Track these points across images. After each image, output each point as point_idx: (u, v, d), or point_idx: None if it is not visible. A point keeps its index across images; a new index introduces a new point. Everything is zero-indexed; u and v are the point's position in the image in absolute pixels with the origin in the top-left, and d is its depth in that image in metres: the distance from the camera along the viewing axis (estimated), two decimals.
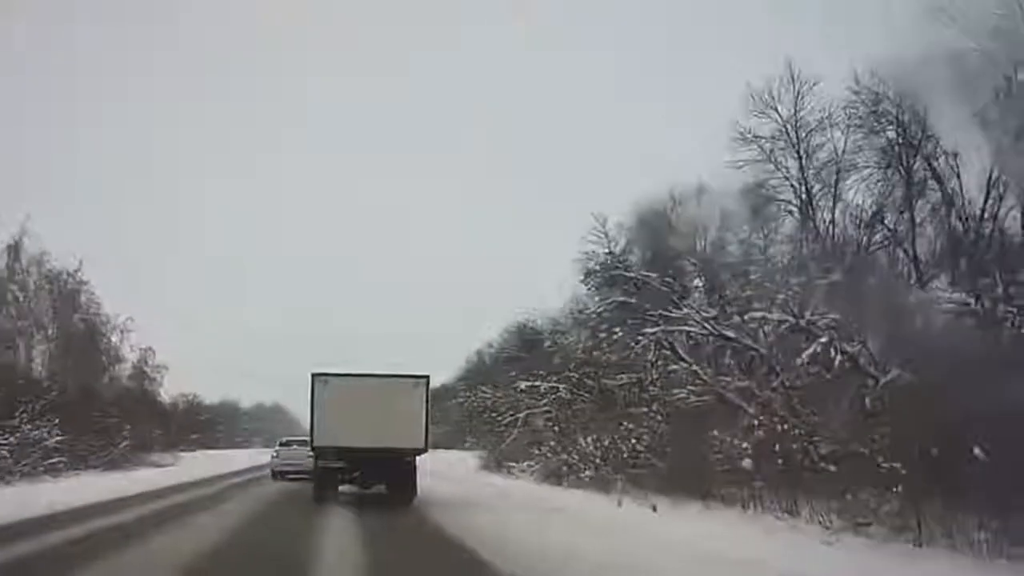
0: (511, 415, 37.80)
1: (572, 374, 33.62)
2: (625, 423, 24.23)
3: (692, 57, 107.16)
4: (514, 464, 36.04)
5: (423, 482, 22.44)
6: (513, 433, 37.62)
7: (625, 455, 23.76)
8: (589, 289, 34.34)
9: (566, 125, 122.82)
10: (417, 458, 21.35)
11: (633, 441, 22.84)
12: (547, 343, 39.11)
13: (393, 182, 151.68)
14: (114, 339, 60.16)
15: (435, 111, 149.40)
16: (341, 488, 21.72)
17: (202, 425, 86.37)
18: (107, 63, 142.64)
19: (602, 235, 29.31)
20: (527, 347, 40.34)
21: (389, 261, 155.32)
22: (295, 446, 33.85)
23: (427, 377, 21.56)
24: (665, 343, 23.11)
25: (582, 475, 26.00)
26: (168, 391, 76.88)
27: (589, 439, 26.38)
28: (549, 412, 35.42)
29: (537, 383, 33.83)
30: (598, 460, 25.49)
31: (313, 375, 20.80)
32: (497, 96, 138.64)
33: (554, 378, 34.05)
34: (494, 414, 39.37)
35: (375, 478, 21.53)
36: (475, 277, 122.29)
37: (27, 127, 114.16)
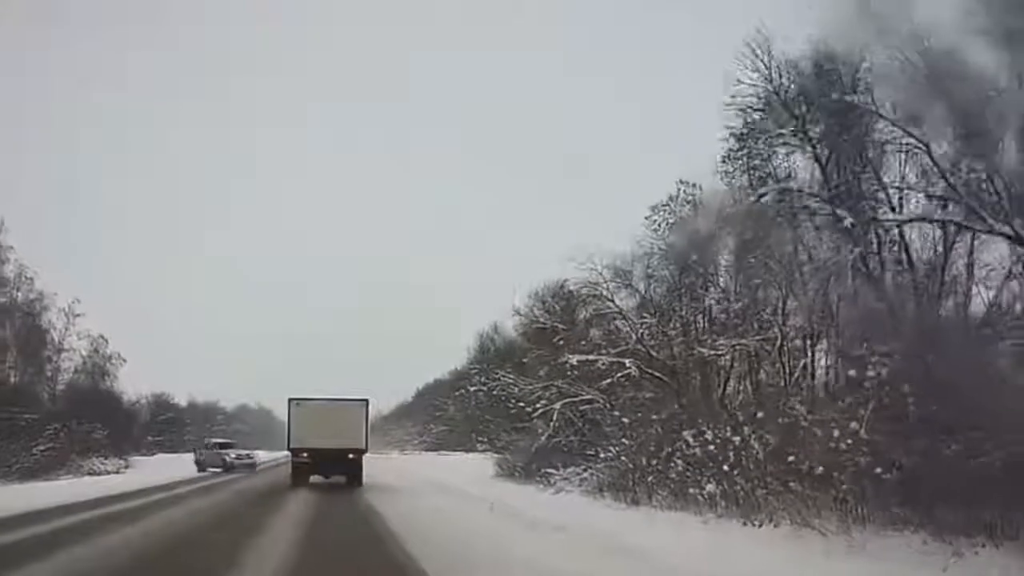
0: (545, 404, 28.05)
1: (640, 346, 24.15)
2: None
3: None
4: (554, 471, 26.38)
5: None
6: (549, 428, 27.96)
7: (791, 459, 14.15)
8: (657, 227, 24.67)
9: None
10: (364, 455, 29.26)
11: (835, 432, 13.12)
12: (591, 308, 29.28)
13: (386, 180, 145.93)
14: (57, 323, 50.68)
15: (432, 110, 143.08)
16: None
17: (165, 426, 76.86)
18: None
19: (761, 67, 17.65)
20: (566, 315, 30.42)
21: (386, 259, 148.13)
22: (215, 448, 47.86)
23: (367, 400, 29.37)
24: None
25: (699, 490, 16.37)
26: (138, 390, 67.78)
27: (707, 435, 16.72)
28: (602, 399, 25.93)
29: (592, 357, 24.11)
30: (727, 466, 15.84)
31: (289, 400, 28.81)
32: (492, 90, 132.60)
33: (611, 350, 24.48)
34: (520, 404, 29.44)
35: (332, 470, 29.20)
36: (471, 275, 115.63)
37: None
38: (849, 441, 13.04)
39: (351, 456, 28.63)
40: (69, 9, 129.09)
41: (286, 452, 30.47)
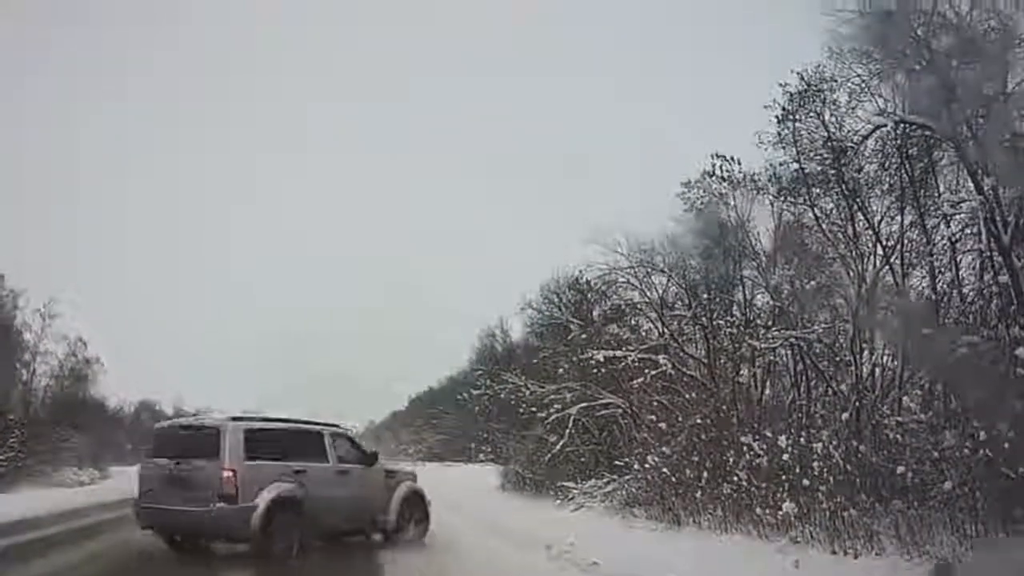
0: (559, 409, 24.99)
1: (673, 341, 21.17)
2: None
3: None
4: (571, 485, 23.34)
5: None
6: (564, 436, 24.89)
7: (899, 471, 11.12)
8: (689, 206, 21.51)
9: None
10: None
11: (979, 436, 10.00)
12: (610, 302, 26.18)
13: (384, 182, 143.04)
14: (33, 323, 47.22)
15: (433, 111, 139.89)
16: None
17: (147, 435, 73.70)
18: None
19: None
20: (582, 310, 27.30)
21: (382, 260, 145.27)
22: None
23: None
24: None
25: (769, 509, 13.26)
26: (128, 398, 64.65)
27: (781, 441, 13.57)
28: (623, 403, 22.89)
29: (620, 353, 21.01)
30: (807, 480, 12.69)
31: None
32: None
33: (640, 347, 21.43)
34: (532, 409, 26.33)
35: None
36: (471, 278, 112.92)
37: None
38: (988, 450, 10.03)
39: None
40: (69, 9, 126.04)
41: None
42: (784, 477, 13.29)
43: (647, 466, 17.72)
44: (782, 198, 18.95)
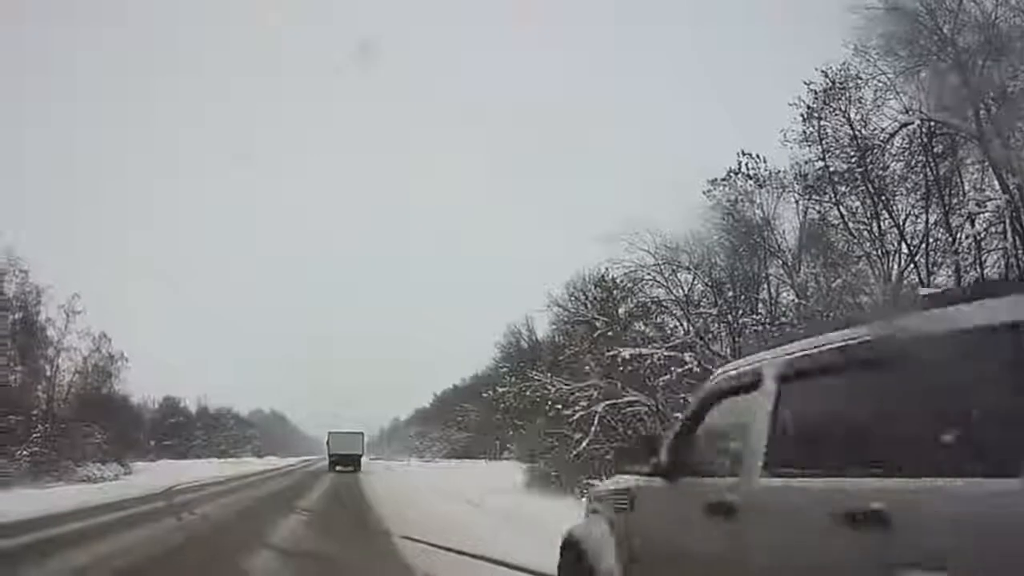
0: (585, 407, 24.99)
1: (699, 339, 21.25)
2: None
3: None
4: (597, 482, 23.31)
5: None
6: (590, 433, 24.90)
7: None
8: (716, 203, 21.58)
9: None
10: (361, 458, 57.95)
11: None
12: (635, 300, 26.21)
13: (402, 181, 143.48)
14: (57, 320, 47.52)
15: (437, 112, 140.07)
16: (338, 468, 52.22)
17: (173, 431, 74.10)
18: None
19: None
20: (607, 307, 27.36)
21: (409, 259, 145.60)
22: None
23: (362, 432, 62.60)
24: None
25: None
26: (148, 394, 65.24)
27: None
28: (649, 402, 22.92)
29: (647, 351, 21.14)
30: None
31: (328, 432, 59.71)
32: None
33: (665, 344, 21.53)
34: (558, 407, 26.34)
35: (346, 464, 54.42)
36: (494, 277, 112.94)
37: None
38: None
39: (355, 456, 55.78)
40: (71, 8, 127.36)
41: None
42: None
43: None
44: (807, 196, 18.99)
